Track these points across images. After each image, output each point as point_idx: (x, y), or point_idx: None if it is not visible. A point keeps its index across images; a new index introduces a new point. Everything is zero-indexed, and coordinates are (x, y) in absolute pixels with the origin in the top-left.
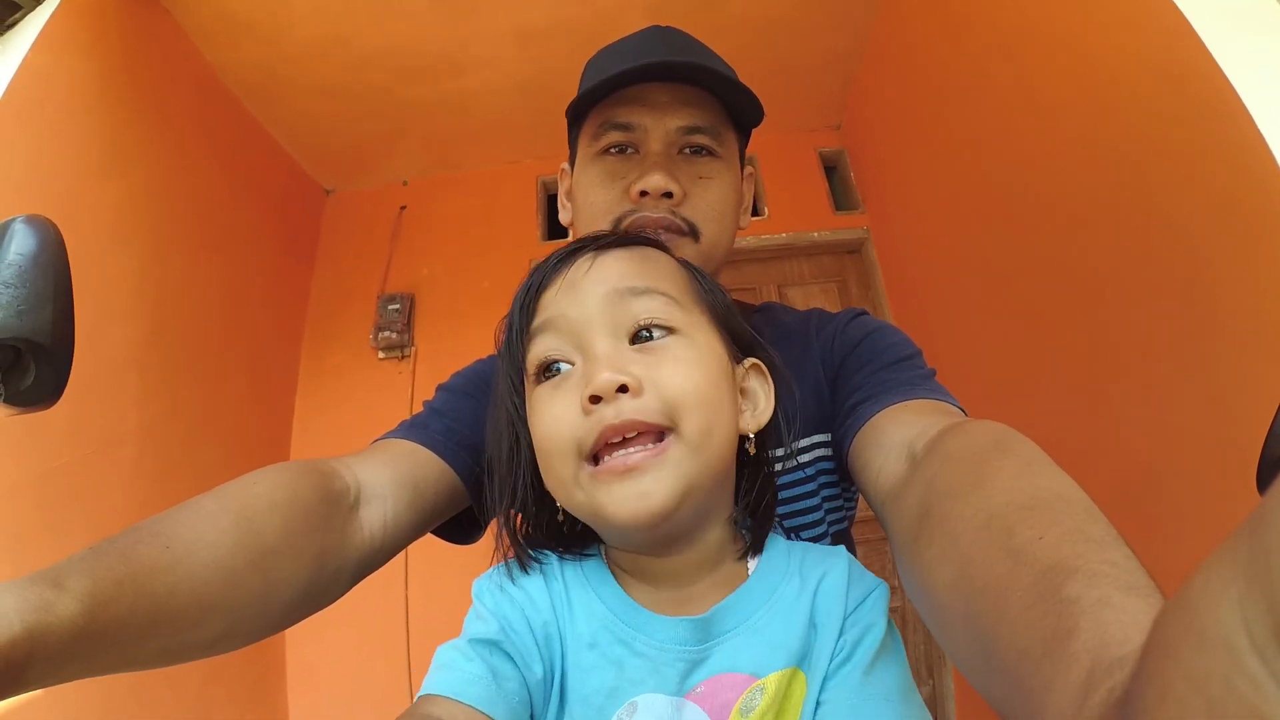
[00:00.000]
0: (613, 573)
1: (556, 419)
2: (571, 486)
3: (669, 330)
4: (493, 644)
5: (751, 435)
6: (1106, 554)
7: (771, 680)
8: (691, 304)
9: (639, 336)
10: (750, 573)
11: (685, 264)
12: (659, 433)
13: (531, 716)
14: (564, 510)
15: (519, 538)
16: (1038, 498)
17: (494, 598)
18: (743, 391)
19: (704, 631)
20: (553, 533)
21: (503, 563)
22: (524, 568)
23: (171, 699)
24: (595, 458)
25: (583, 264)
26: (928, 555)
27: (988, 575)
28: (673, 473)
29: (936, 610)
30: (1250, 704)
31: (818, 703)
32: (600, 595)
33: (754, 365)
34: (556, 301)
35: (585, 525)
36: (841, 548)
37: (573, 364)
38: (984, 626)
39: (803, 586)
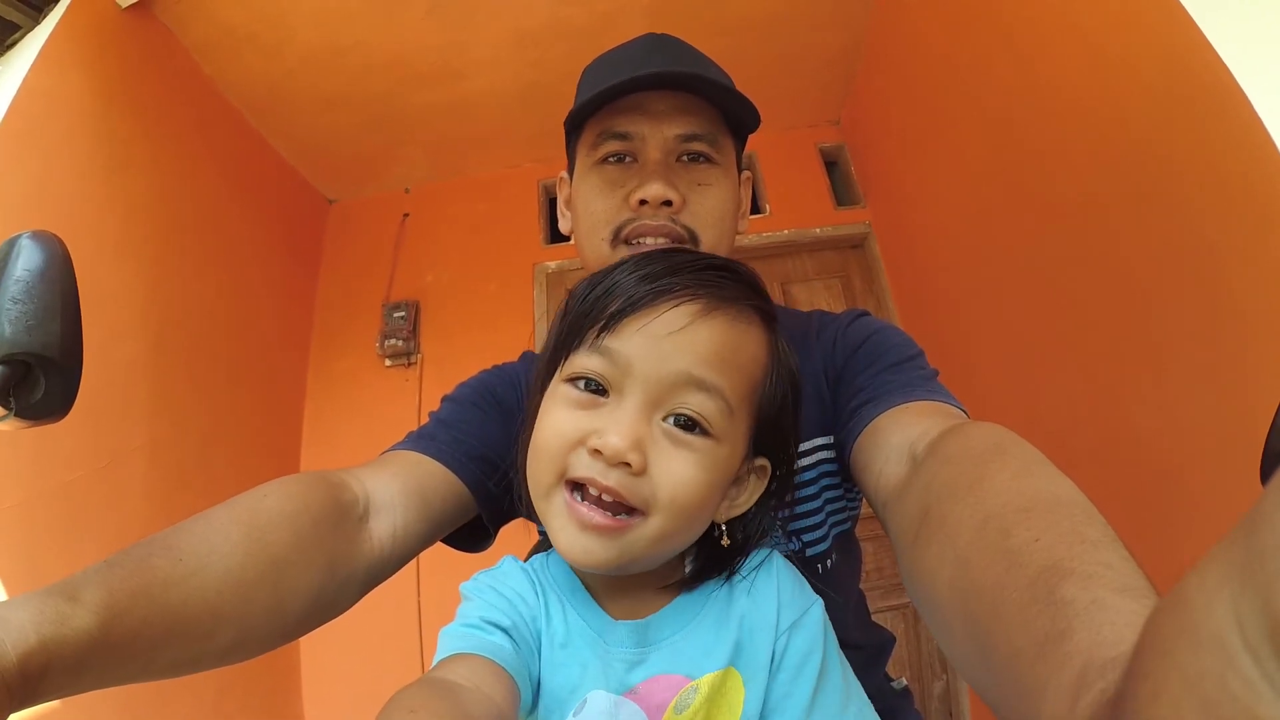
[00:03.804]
0: (577, 574)
1: (560, 430)
2: (542, 499)
3: (706, 434)
4: (506, 630)
5: (723, 525)
6: (1102, 555)
7: (705, 681)
8: (742, 408)
9: (675, 419)
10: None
11: (776, 340)
12: (630, 509)
13: None
14: None
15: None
16: (1035, 500)
17: (492, 597)
18: (735, 481)
19: (642, 636)
20: None
21: (493, 567)
22: None
23: (188, 707)
24: (574, 485)
25: (678, 318)
26: (927, 556)
27: (984, 576)
28: (622, 550)
29: (935, 611)
30: (1243, 704)
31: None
32: (570, 599)
33: (760, 466)
34: (632, 340)
35: None
36: (774, 552)
37: (606, 396)
38: (980, 627)
39: (731, 592)
